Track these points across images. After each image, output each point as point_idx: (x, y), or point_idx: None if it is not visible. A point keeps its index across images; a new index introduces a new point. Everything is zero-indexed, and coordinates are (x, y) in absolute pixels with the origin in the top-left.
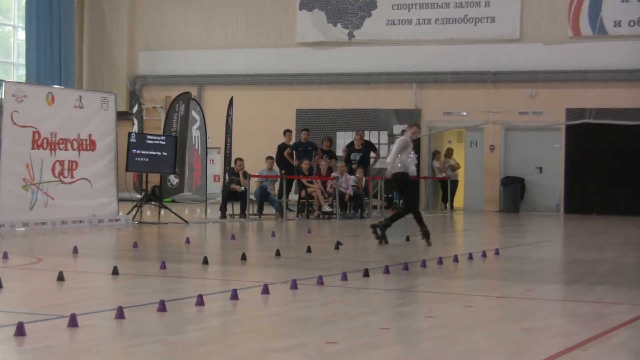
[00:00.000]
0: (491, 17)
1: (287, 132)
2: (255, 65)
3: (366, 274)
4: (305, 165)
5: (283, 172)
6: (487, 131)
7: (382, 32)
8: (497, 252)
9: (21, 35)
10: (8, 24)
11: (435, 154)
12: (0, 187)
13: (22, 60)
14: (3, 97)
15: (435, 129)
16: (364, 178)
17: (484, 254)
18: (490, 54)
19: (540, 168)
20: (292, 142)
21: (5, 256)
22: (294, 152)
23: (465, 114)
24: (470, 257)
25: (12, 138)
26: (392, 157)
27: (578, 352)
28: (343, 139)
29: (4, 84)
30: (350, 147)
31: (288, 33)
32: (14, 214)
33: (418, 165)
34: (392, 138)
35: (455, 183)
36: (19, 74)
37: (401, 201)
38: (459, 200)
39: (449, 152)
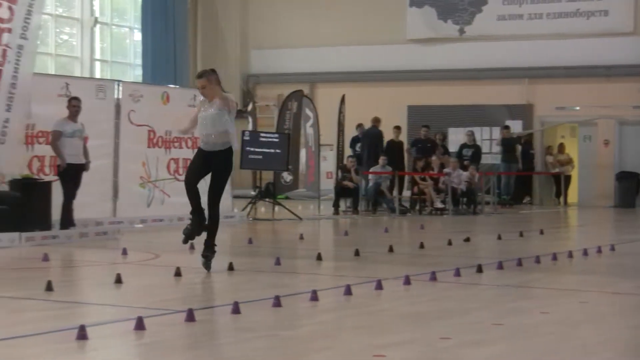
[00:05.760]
0: (604, 11)
1: (396, 128)
2: (366, 62)
3: (479, 269)
4: (435, 161)
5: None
6: (600, 126)
7: (493, 28)
8: (612, 248)
9: (137, 36)
10: (125, 25)
11: (548, 149)
12: (118, 185)
13: (139, 61)
14: (120, 97)
15: (548, 124)
16: (477, 174)
17: (599, 250)
18: (603, 47)
19: None
20: (399, 139)
21: (124, 252)
22: (414, 148)
23: (577, 108)
24: (585, 252)
25: (129, 137)
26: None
27: None
28: (455, 134)
29: (121, 84)
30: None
31: (398, 30)
32: (132, 211)
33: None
34: (506, 131)
35: (568, 178)
36: (135, 74)
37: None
38: (572, 195)
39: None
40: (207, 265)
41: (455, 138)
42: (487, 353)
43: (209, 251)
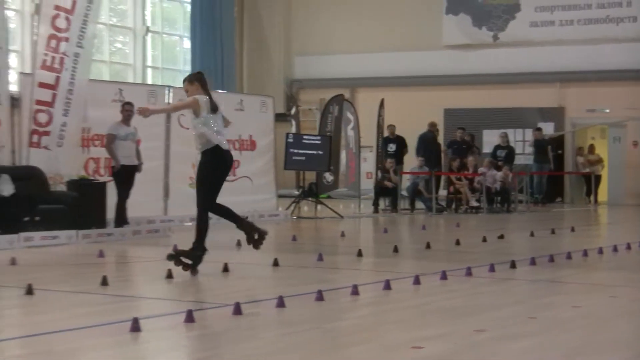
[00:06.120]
0: (633, 17)
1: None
2: (405, 67)
3: (513, 265)
4: (471, 161)
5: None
6: (629, 127)
7: (526, 34)
8: None
9: (186, 44)
10: (175, 34)
11: (579, 150)
12: (169, 186)
13: (188, 67)
14: (171, 101)
15: (579, 125)
16: (510, 174)
17: (628, 246)
18: (632, 52)
19: None
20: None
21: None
22: (450, 149)
23: (607, 111)
24: (615, 249)
25: (179, 140)
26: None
27: None
28: (489, 136)
29: (171, 90)
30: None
31: (435, 36)
32: (182, 210)
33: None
34: (538, 133)
35: (598, 178)
36: None
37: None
38: (602, 194)
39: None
40: (183, 266)
41: (490, 140)
42: (521, 346)
43: (193, 253)
